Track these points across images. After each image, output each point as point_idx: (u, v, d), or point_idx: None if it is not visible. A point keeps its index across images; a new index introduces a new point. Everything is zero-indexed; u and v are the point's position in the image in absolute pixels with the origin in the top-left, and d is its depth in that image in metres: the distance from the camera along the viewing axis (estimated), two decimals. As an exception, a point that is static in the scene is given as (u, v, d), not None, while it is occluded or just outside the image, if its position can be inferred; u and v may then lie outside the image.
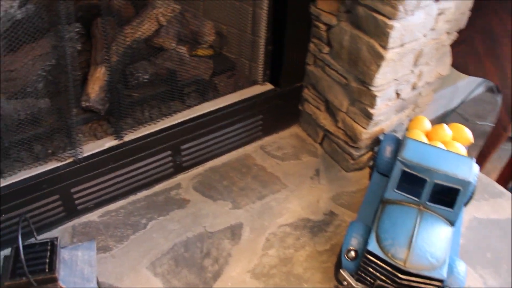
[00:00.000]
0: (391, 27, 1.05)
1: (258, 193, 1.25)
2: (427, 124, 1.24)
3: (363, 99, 1.19)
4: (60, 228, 1.13)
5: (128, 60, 1.12)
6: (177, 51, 1.15)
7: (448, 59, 1.33)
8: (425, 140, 1.18)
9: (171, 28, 1.13)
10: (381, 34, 1.07)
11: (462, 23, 1.26)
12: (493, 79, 1.42)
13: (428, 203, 1.01)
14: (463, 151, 1.16)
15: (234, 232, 1.15)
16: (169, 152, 1.20)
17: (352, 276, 1.01)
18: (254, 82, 1.34)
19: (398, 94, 1.23)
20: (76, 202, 1.12)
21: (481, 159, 1.58)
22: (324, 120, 1.34)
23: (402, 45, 1.10)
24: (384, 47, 1.08)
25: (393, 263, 0.93)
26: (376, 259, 0.95)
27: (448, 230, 1.00)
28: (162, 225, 1.16)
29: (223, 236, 1.14)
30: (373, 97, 1.16)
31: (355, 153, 1.29)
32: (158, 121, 1.19)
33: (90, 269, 0.80)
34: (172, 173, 1.25)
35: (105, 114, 1.12)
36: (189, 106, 1.23)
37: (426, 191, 1.01)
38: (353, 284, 0.99)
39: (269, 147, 1.38)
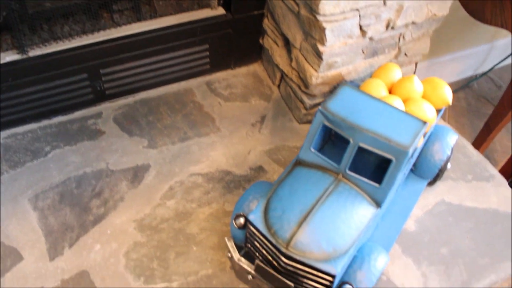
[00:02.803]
0: None
1: (182, 134, 1.00)
2: (397, 75, 0.89)
3: (313, 32, 0.88)
4: (-40, 144, 0.98)
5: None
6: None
7: (449, -5, 0.96)
8: (384, 93, 0.85)
9: None
10: None
11: None
12: (512, 28, 1.02)
13: (348, 172, 0.71)
14: (432, 113, 0.82)
15: (137, 174, 0.92)
16: (85, 75, 0.98)
17: (241, 248, 0.76)
18: (207, 5, 1.05)
19: (363, 32, 0.89)
20: (-26, 118, 0.95)
21: (486, 132, 1.19)
22: (279, 57, 1.04)
23: (358, -41, 0.77)
24: (331, -41, 0.75)
25: (273, 241, 0.66)
26: (257, 232, 0.69)
27: (368, 212, 0.70)
28: (64, 156, 0.95)
29: (122, 177, 0.92)
30: (322, 29, 0.84)
31: (307, 101, 0.98)
32: (74, 38, 0.96)
33: None
34: (93, 100, 1.03)
35: (4, 23, 0.91)
36: (117, 25, 0.99)
37: (348, 155, 0.71)
38: (235, 258, 0.73)
39: (216, 84, 1.11)
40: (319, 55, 0.88)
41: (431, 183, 0.91)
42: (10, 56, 0.92)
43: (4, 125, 0.98)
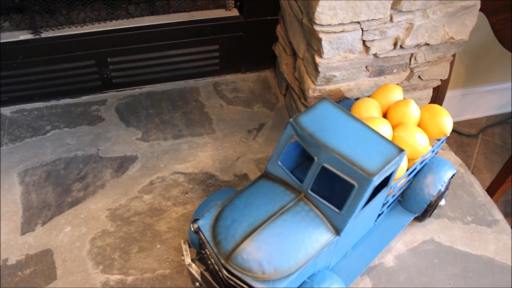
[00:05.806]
0: None
1: (177, 131, 0.98)
2: (397, 97, 0.83)
3: (312, 42, 0.83)
4: (-27, 114, 1.03)
5: None
6: None
7: (471, 19, 0.87)
8: (376, 115, 0.79)
9: None
10: None
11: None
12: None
13: (310, 192, 0.66)
14: (423, 142, 0.75)
15: (123, 164, 0.92)
16: (92, 62, 0.99)
17: (199, 253, 0.73)
18: (222, 6, 1.04)
19: (367, 47, 0.84)
20: (-13, 91, 1.00)
21: (505, 172, 1.07)
22: (285, 66, 1.00)
23: (358, -30, 0.72)
24: (328, -33, 0.71)
25: (215, 251, 0.63)
26: (204, 239, 0.66)
27: (323, 238, 0.64)
28: (61, 137, 0.97)
29: (109, 165, 0.92)
30: (319, 40, 0.80)
31: (305, 114, 0.94)
32: (87, 25, 0.98)
33: None
34: (101, 87, 1.04)
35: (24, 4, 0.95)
36: (130, 16, 1.00)
37: (311, 174, 0.66)
38: (186, 262, 0.71)
39: (223, 86, 1.09)
40: (316, 67, 0.84)
41: (420, 218, 0.83)
42: (23, 35, 0.96)
43: (14, 100, 1.02)
